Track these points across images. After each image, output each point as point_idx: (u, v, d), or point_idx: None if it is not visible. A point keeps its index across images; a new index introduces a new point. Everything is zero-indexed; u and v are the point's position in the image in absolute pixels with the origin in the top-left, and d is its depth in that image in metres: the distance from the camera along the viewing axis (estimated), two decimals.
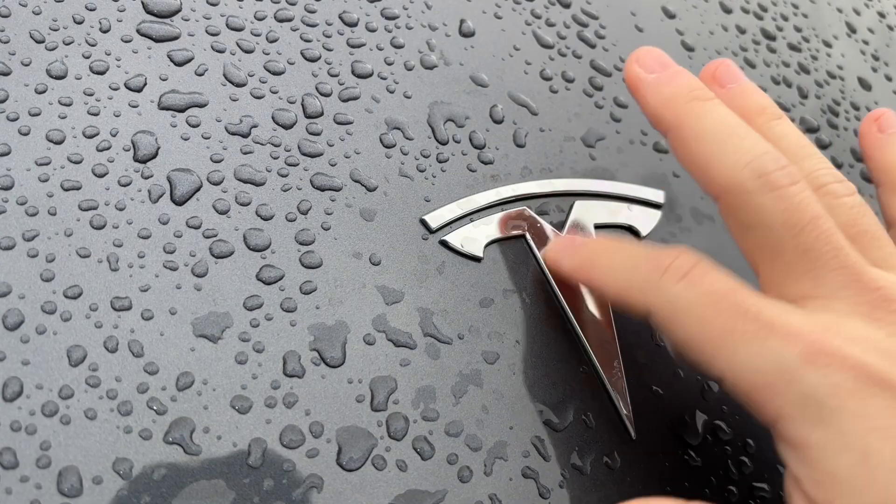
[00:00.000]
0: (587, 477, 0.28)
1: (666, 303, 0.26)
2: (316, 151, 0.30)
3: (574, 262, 0.30)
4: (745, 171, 0.26)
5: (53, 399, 0.23)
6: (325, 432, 0.26)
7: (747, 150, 0.27)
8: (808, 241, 0.26)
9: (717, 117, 0.28)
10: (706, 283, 0.25)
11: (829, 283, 0.25)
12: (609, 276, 0.28)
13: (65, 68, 0.29)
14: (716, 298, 0.25)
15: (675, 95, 0.29)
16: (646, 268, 0.27)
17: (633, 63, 0.30)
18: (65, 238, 0.26)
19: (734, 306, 0.25)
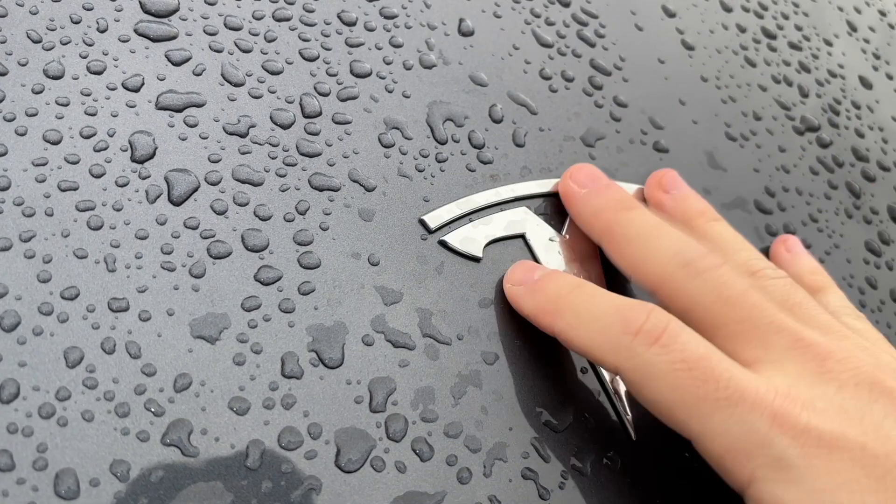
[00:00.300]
0: (587, 478, 0.28)
1: (638, 367, 0.26)
2: (314, 151, 0.30)
3: (535, 304, 0.29)
4: (672, 262, 0.29)
5: (50, 401, 0.23)
6: (323, 434, 0.26)
7: (671, 244, 0.29)
8: (742, 311, 0.28)
9: (641, 221, 0.30)
10: (677, 350, 0.26)
11: (774, 348, 0.27)
12: (576, 331, 0.28)
13: (62, 68, 0.29)
14: (687, 365, 0.26)
15: (605, 207, 0.31)
16: (616, 328, 0.27)
17: (567, 179, 0.32)
18: (62, 239, 0.26)
19: (706, 373, 0.26)
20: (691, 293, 0.28)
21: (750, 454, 0.25)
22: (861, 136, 0.45)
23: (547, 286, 0.29)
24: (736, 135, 0.41)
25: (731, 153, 0.40)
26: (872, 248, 0.41)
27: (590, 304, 0.28)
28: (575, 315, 0.28)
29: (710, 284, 0.28)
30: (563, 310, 0.28)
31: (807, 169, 0.42)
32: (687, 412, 0.26)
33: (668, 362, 0.26)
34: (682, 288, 0.28)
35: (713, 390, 0.25)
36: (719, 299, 0.28)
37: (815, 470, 0.24)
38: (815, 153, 0.43)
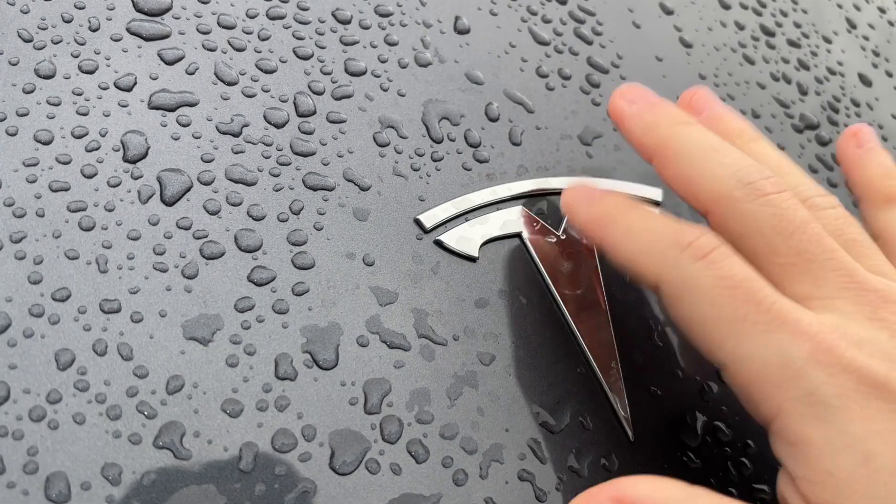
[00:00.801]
0: (584, 479, 0.28)
1: (681, 279, 0.25)
2: (308, 150, 0.30)
3: (590, 214, 0.29)
4: (731, 182, 0.27)
5: (41, 403, 0.23)
6: (317, 436, 0.25)
7: (731, 163, 0.27)
8: (800, 243, 0.26)
9: (698, 137, 0.29)
10: (724, 267, 0.25)
11: (829, 284, 0.26)
12: (625, 239, 0.27)
13: (53, 67, 0.28)
14: (732, 283, 0.25)
15: (657, 122, 0.29)
16: (666, 240, 0.26)
17: (617, 97, 0.31)
18: (53, 240, 0.25)
19: (749, 294, 0.25)
20: (748, 217, 0.26)
21: (781, 384, 0.24)
22: None
23: (603, 200, 0.29)
24: None
25: None
26: None
27: (644, 218, 0.27)
28: (627, 227, 0.27)
29: (769, 210, 0.26)
30: (616, 221, 0.28)
31: (806, 167, 0.41)
32: (722, 332, 0.25)
33: (713, 277, 0.25)
34: (739, 210, 0.27)
35: (753, 311, 0.24)
36: (777, 227, 0.26)
37: (849, 412, 0.23)
38: (814, 151, 0.42)
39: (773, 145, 0.31)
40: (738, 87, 0.42)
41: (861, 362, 0.23)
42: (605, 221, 0.28)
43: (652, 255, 0.26)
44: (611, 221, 0.28)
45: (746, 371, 0.25)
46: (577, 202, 0.29)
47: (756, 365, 0.24)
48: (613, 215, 0.28)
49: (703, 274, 0.25)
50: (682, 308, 0.26)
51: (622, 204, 0.28)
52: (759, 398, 0.25)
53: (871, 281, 0.26)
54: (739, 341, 0.24)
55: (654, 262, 0.26)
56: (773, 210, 0.26)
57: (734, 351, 0.25)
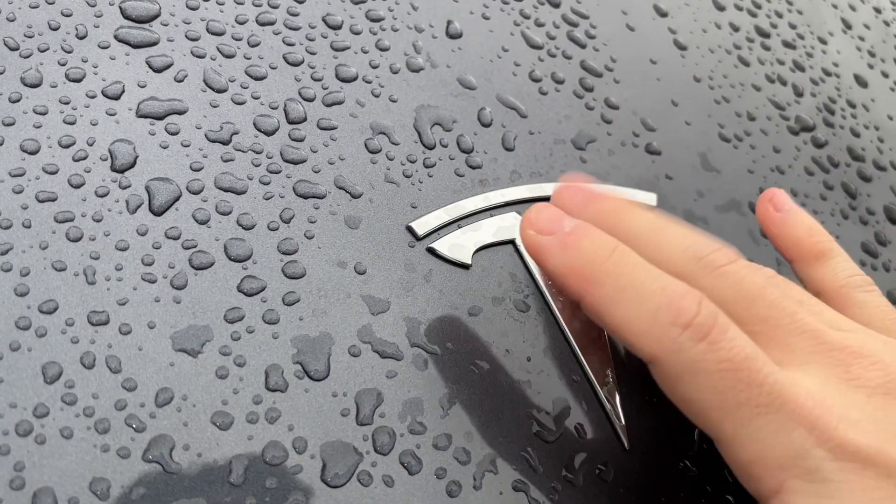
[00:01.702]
0: (579, 489, 0.28)
1: (681, 362, 0.25)
2: (299, 158, 0.30)
3: (565, 263, 0.26)
4: (684, 257, 0.27)
5: (28, 418, 0.23)
6: (308, 448, 0.25)
7: (681, 240, 0.27)
8: (762, 310, 0.26)
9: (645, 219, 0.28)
10: (726, 348, 0.25)
11: (798, 349, 0.26)
12: (614, 307, 0.25)
13: (40, 76, 0.28)
14: (734, 366, 0.24)
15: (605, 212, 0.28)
16: (665, 316, 0.25)
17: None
18: (40, 251, 0.25)
19: (751, 376, 0.24)
20: (709, 290, 0.26)
21: (784, 464, 0.24)
22: (857, 136, 0.44)
23: (581, 244, 0.26)
24: (730, 135, 0.40)
25: (724, 154, 0.39)
26: (869, 249, 0.40)
27: (632, 277, 0.25)
28: (615, 288, 0.25)
29: (727, 280, 0.26)
30: (599, 278, 0.26)
31: (802, 169, 0.41)
32: (723, 415, 0.24)
33: (715, 361, 0.24)
34: (699, 285, 0.26)
35: (755, 395, 0.24)
36: (738, 296, 0.26)
37: (849, 485, 0.24)
38: (810, 153, 0.42)
39: None
40: (734, 89, 0.42)
41: (853, 437, 0.24)
42: (584, 275, 0.26)
43: (648, 333, 0.25)
44: (594, 278, 0.26)
45: (746, 452, 0.25)
46: (545, 246, 0.27)
47: (757, 446, 0.24)
48: (593, 269, 0.26)
49: (706, 357, 0.24)
50: (679, 388, 0.25)
51: (606, 251, 0.26)
52: (759, 476, 0.25)
53: (837, 338, 0.26)
54: (741, 424, 0.24)
55: (650, 340, 0.25)
56: (729, 281, 0.26)
57: (734, 433, 0.25)
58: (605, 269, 0.26)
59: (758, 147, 0.41)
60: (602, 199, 0.29)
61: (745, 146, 0.40)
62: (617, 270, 0.26)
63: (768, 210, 0.34)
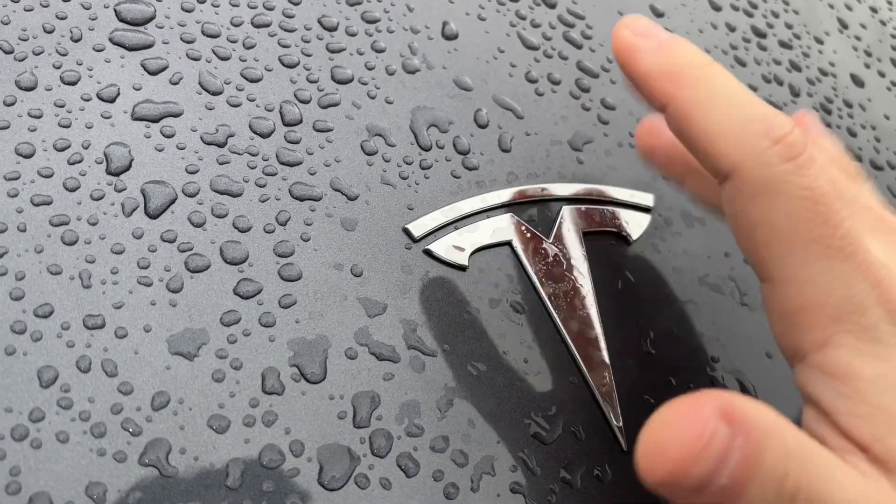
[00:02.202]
0: (577, 491, 0.28)
1: (765, 177, 0.23)
2: (295, 160, 0.30)
3: (659, 64, 0.25)
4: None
5: (23, 422, 0.23)
6: (305, 451, 0.25)
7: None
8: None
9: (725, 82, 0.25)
10: (811, 175, 0.23)
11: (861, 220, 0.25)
12: (706, 108, 0.24)
13: (34, 79, 0.28)
14: (815, 196, 0.23)
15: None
16: (759, 126, 0.23)
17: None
18: (35, 255, 0.25)
19: (828, 214, 0.23)
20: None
21: (838, 315, 0.23)
22: (853, 135, 0.44)
23: (679, 48, 0.25)
24: None
25: None
26: None
27: (727, 85, 0.24)
28: (708, 91, 0.24)
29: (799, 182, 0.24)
30: (695, 82, 0.24)
31: None
32: (790, 248, 0.23)
33: (799, 185, 0.23)
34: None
35: (829, 234, 0.23)
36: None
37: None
38: None
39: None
40: None
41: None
42: (682, 78, 0.24)
43: (737, 140, 0.23)
44: (689, 80, 0.24)
45: (801, 295, 0.23)
46: (638, 44, 0.25)
47: (815, 291, 0.23)
48: (692, 72, 0.24)
49: (790, 178, 0.23)
50: (753, 207, 0.23)
51: (701, 59, 0.25)
52: (808, 325, 0.23)
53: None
54: (806, 262, 0.23)
55: (737, 147, 0.23)
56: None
57: (795, 270, 0.23)
58: (700, 73, 0.24)
59: None
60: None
61: None
62: (713, 79, 0.24)
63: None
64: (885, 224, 0.25)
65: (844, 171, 0.28)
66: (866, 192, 0.27)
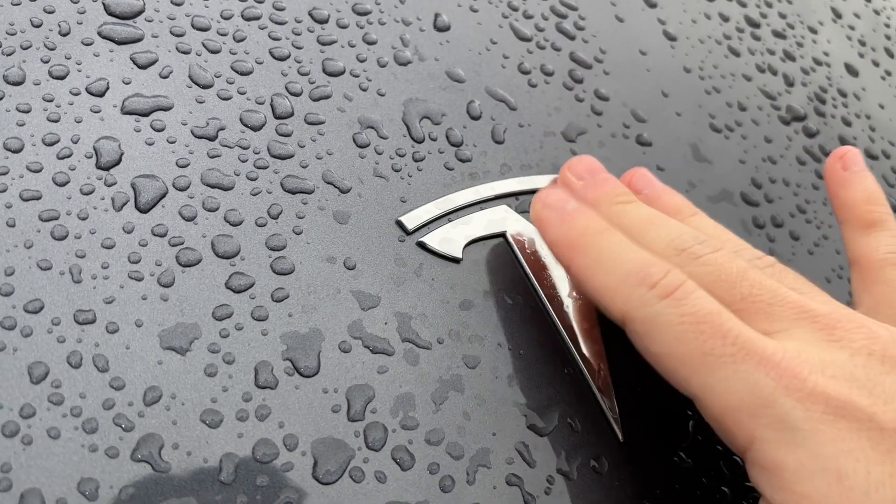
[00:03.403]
0: (574, 482, 0.27)
1: (648, 317, 0.26)
2: (286, 153, 0.29)
3: (559, 235, 0.29)
4: (668, 250, 0.28)
5: (14, 418, 0.23)
6: (299, 445, 0.25)
7: (667, 234, 0.28)
8: (744, 289, 0.27)
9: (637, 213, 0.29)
10: (689, 303, 0.26)
11: (782, 319, 0.26)
12: (593, 272, 0.27)
13: (23, 74, 0.28)
14: (697, 318, 0.25)
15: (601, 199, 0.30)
16: (634, 278, 0.26)
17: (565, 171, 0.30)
18: (24, 250, 0.25)
19: (715, 327, 0.25)
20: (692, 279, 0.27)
21: (753, 413, 0.24)
22: (848, 125, 0.44)
23: (577, 220, 0.29)
24: (721, 126, 0.40)
25: (716, 145, 0.39)
26: None
27: (613, 250, 0.27)
28: (596, 258, 0.27)
29: (707, 268, 0.27)
30: (586, 248, 0.28)
31: (794, 159, 0.41)
32: (691, 367, 0.25)
33: (677, 315, 0.25)
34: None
35: (719, 345, 0.25)
36: (719, 279, 0.27)
37: (819, 435, 0.24)
38: (801, 143, 0.42)
39: (707, 218, 0.32)
40: (724, 80, 0.42)
41: (825, 386, 0.24)
42: (576, 247, 0.28)
43: (620, 293, 0.27)
44: (581, 248, 0.28)
45: (718, 403, 0.25)
46: (548, 218, 0.29)
47: (726, 397, 0.25)
48: (584, 240, 0.28)
49: (670, 311, 0.26)
50: (650, 344, 0.26)
51: (595, 228, 0.28)
52: (733, 428, 0.25)
53: (821, 307, 0.27)
54: (708, 375, 0.25)
55: (621, 299, 0.27)
56: (710, 268, 0.27)
57: (704, 384, 0.25)
58: (591, 241, 0.28)
59: (749, 137, 0.40)
60: (605, 186, 0.30)
61: (736, 136, 0.40)
62: (601, 244, 0.28)
63: (836, 168, 0.34)
64: (809, 313, 0.26)
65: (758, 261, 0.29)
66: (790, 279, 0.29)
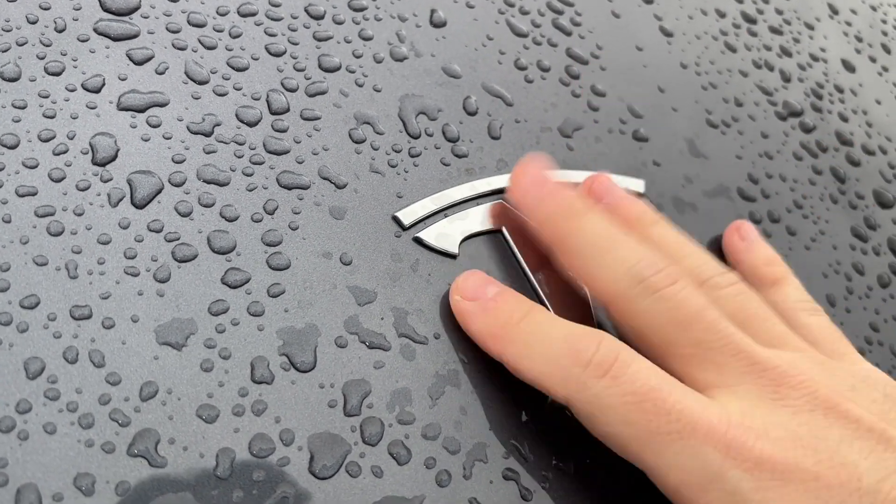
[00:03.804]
0: (571, 477, 0.28)
1: (589, 400, 0.26)
2: (282, 149, 0.30)
3: (484, 327, 0.28)
4: (625, 280, 0.27)
5: (10, 414, 0.22)
6: (296, 440, 0.25)
7: (625, 259, 0.28)
8: (697, 333, 0.27)
9: (593, 231, 0.29)
10: (627, 381, 0.25)
11: (729, 372, 0.26)
12: (525, 361, 0.27)
13: (18, 70, 0.28)
14: (638, 398, 0.25)
15: (556, 213, 0.29)
16: (566, 360, 0.26)
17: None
18: (20, 246, 0.25)
19: (657, 405, 0.25)
20: (644, 314, 0.27)
21: (704, 488, 0.25)
22: (845, 120, 0.44)
23: (498, 309, 0.28)
24: (717, 121, 0.40)
25: (712, 140, 0.39)
26: (859, 233, 0.40)
27: (540, 333, 0.27)
28: (525, 345, 0.27)
29: (664, 305, 0.27)
30: (512, 338, 0.27)
31: (790, 155, 0.41)
32: (640, 446, 0.25)
33: (618, 395, 0.25)
34: (635, 308, 0.28)
35: (664, 423, 0.25)
36: (674, 320, 0.27)
37: (770, 503, 0.24)
38: (798, 138, 0.42)
39: (670, 228, 0.31)
40: (721, 76, 0.42)
41: (770, 452, 0.25)
42: (504, 338, 0.27)
43: (556, 378, 0.26)
44: (509, 339, 0.27)
45: (670, 479, 0.25)
46: (470, 310, 0.28)
47: (677, 473, 0.25)
48: (506, 330, 0.27)
49: (609, 392, 0.25)
50: (596, 426, 0.26)
51: (519, 313, 0.28)
52: (686, 502, 0.25)
53: (771, 360, 0.27)
54: (658, 453, 0.25)
55: (558, 383, 0.26)
56: (667, 304, 0.27)
57: (655, 462, 0.25)
58: (517, 329, 0.27)
59: (746, 133, 0.40)
60: (556, 199, 0.29)
61: (732, 132, 0.40)
62: (528, 329, 0.27)
63: (734, 239, 0.36)
64: (756, 366, 0.27)
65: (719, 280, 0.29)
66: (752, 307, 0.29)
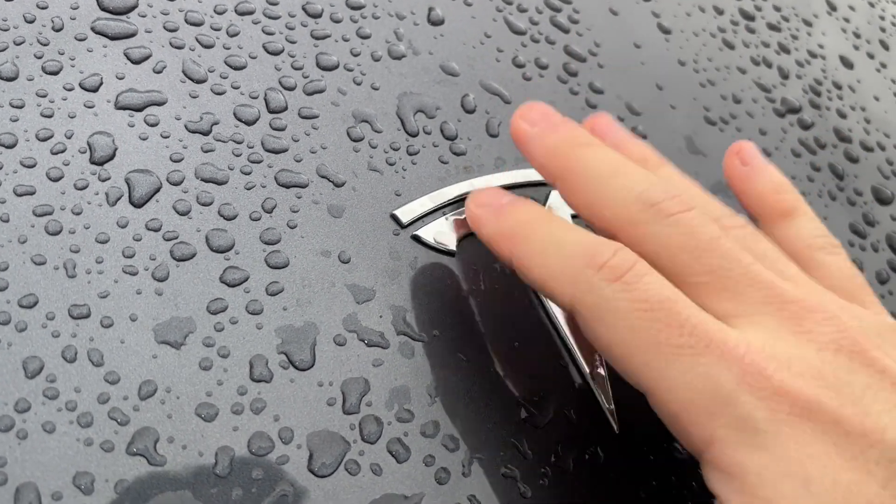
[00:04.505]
0: (570, 474, 0.28)
1: (596, 303, 0.24)
2: (280, 147, 0.30)
3: (496, 228, 0.27)
4: (635, 205, 0.26)
5: (9, 413, 0.23)
6: (295, 438, 0.25)
7: (635, 185, 0.26)
8: (713, 259, 0.25)
9: (601, 158, 0.27)
10: (640, 289, 0.24)
11: (749, 300, 0.25)
12: (536, 258, 0.26)
13: (16, 69, 0.28)
14: (650, 305, 0.24)
15: (559, 145, 0.28)
16: (579, 260, 0.25)
17: (518, 119, 0.29)
18: (19, 245, 0.25)
19: (669, 316, 0.23)
20: (656, 238, 0.25)
21: (712, 412, 0.23)
22: (843, 117, 0.44)
23: (513, 212, 0.27)
24: (715, 119, 0.40)
25: (710, 137, 0.39)
26: (857, 230, 0.40)
27: (554, 234, 0.26)
28: (537, 243, 0.26)
29: (677, 229, 0.25)
30: (525, 237, 0.26)
31: (789, 151, 0.41)
32: (644, 358, 0.23)
33: (629, 300, 0.23)
34: (647, 232, 0.25)
35: (676, 335, 0.23)
36: (687, 246, 0.25)
37: (783, 437, 0.22)
38: (796, 135, 0.42)
39: (675, 170, 0.30)
40: (719, 73, 0.42)
41: (790, 384, 0.23)
42: (512, 237, 0.26)
43: (565, 277, 0.25)
44: (522, 237, 0.26)
45: (674, 398, 0.23)
46: (483, 214, 0.28)
47: (683, 392, 0.23)
48: (521, 230, 0.26)
49: (619, 297, 0.24)
50: (599, 332, 0.24)
51: (534, 216, 0.27)
52: (689, 427, 0.23)
53: (791, 292, 0.25)
54: (663, 367, 0.23)
55: (568, 283, 0.25)
56: (680, 229, 0.25)
57: (658, 377, 0.23)
58: (529, 229, 0.26)
59: (744, 130, 0.41)
60: (562, 129, 0.28)
61: (731, 129, 0.40)
62: (541, 230, 0.26)
63: (734, 164, 0.32)
64: (778, 297, 0.25)
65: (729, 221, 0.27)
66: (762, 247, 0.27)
